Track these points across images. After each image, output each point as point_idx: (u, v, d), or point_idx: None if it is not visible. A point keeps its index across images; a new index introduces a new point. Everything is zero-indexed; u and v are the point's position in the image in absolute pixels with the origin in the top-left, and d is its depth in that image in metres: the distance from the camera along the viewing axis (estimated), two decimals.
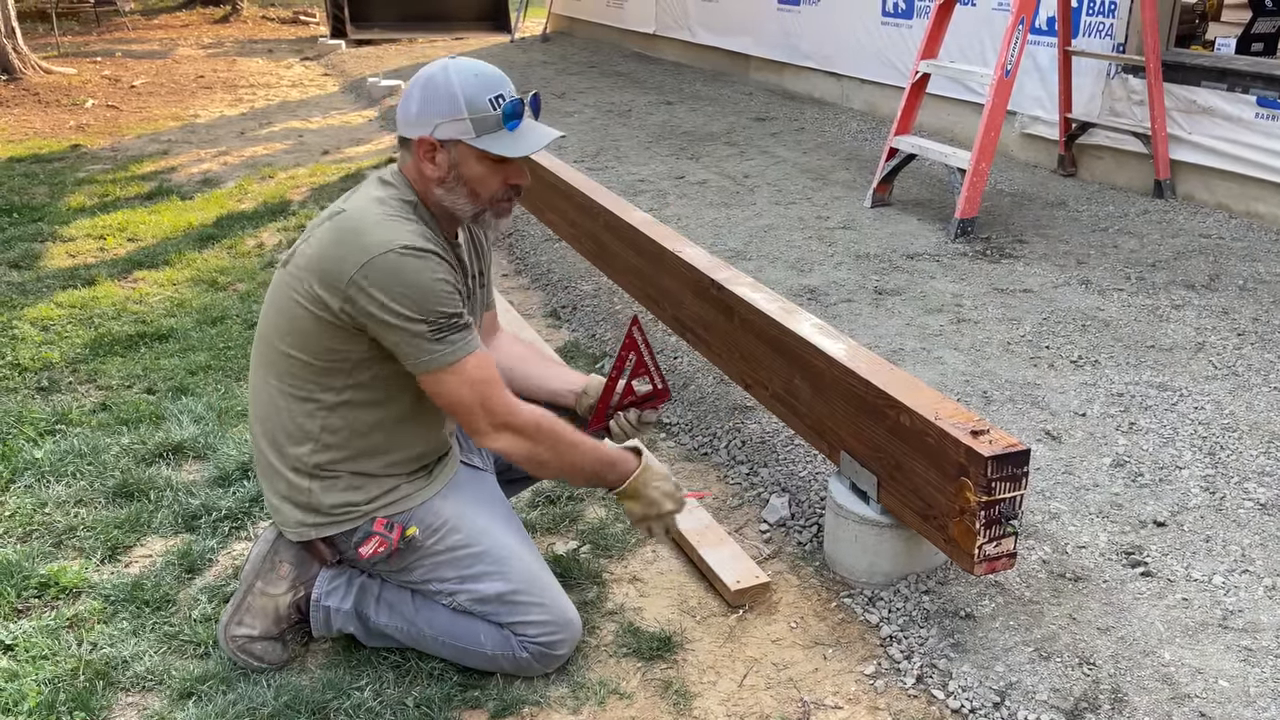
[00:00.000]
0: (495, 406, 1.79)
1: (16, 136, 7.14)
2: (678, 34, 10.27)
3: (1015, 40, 4.55)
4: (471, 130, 1.76)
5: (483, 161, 1.79)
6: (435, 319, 1.73)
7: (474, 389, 1.78)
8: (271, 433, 1.89)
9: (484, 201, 1.83)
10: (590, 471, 1.91)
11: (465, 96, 1.75)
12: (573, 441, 1.87)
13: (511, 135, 1.78)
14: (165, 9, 17.35)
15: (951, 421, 1.95)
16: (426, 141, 1.78)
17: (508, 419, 1.80)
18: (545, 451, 1.84)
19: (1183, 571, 2.28)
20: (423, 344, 1.73)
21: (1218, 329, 3.61)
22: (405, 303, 1.71)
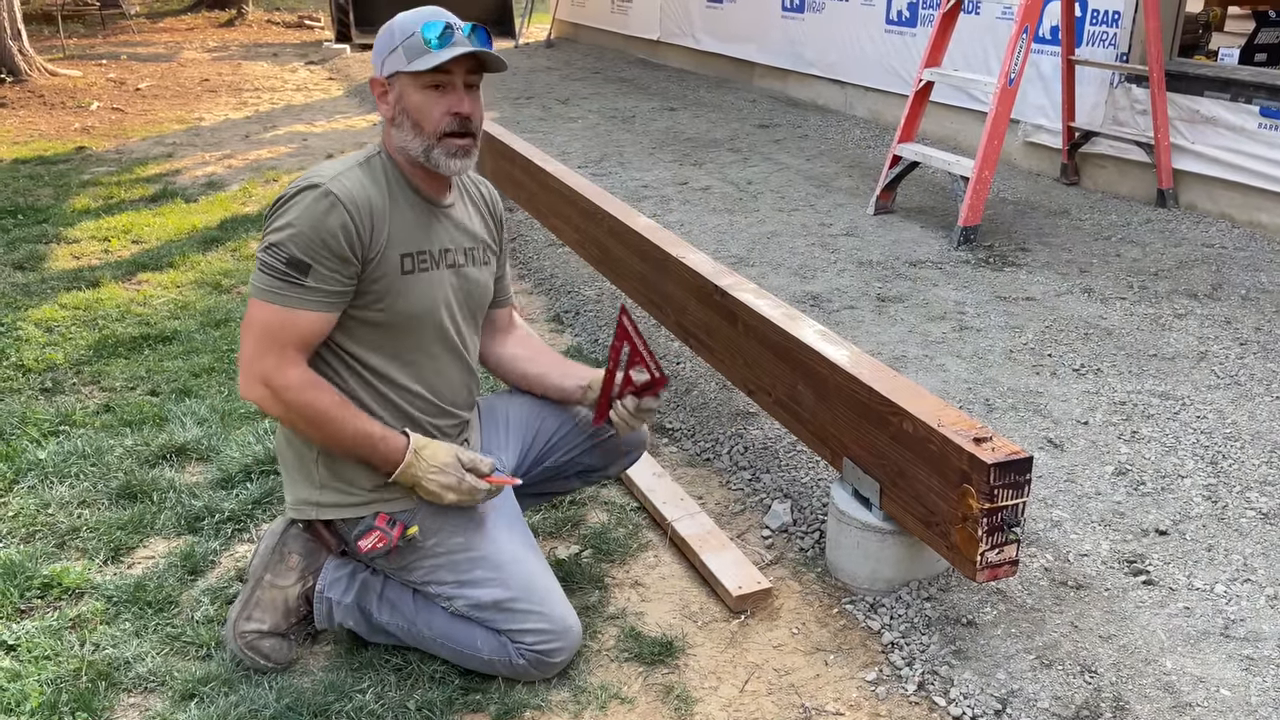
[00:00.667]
0: (267, 362, 1.77)
1: (22, 138, 7.16)
2: (682, 41, 10.29)
3: (1019, 49, 4.56)
4: (404, 57, 1.81)
5: (420, 89, 1.82)
6: (276, 252, 1.76)
7: (261, 332, 1.77)
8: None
9: (428, 134, 1.83)
10: (353, 453, 1.85)
11: (399, 27, 1.83)
12: (335, 418, 1.80)
13: (437, 53, 1.80)
14: (170, 12, 17.41)
15: (954, 428, 1.95)
16: (377, 82, 1.87)
17: (270, 378, 1.77)
18: (300, 423, 1.81)
19: (1184, 580, 2.28)
20: (257, 268, 1.79)
21: (1220, 338, 3.61)
22: (270, 227, 1.78)
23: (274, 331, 1.77)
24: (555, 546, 2.41)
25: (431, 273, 1.90)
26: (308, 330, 1.79)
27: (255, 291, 1.79)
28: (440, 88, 1.82)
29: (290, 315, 1.77)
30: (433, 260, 1.91)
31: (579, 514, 2.54)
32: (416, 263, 1.88)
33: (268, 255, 1.77)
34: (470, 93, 1.86)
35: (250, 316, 1.79)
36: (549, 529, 2.48)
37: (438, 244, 1.93)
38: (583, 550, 2.39)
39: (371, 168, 1.86)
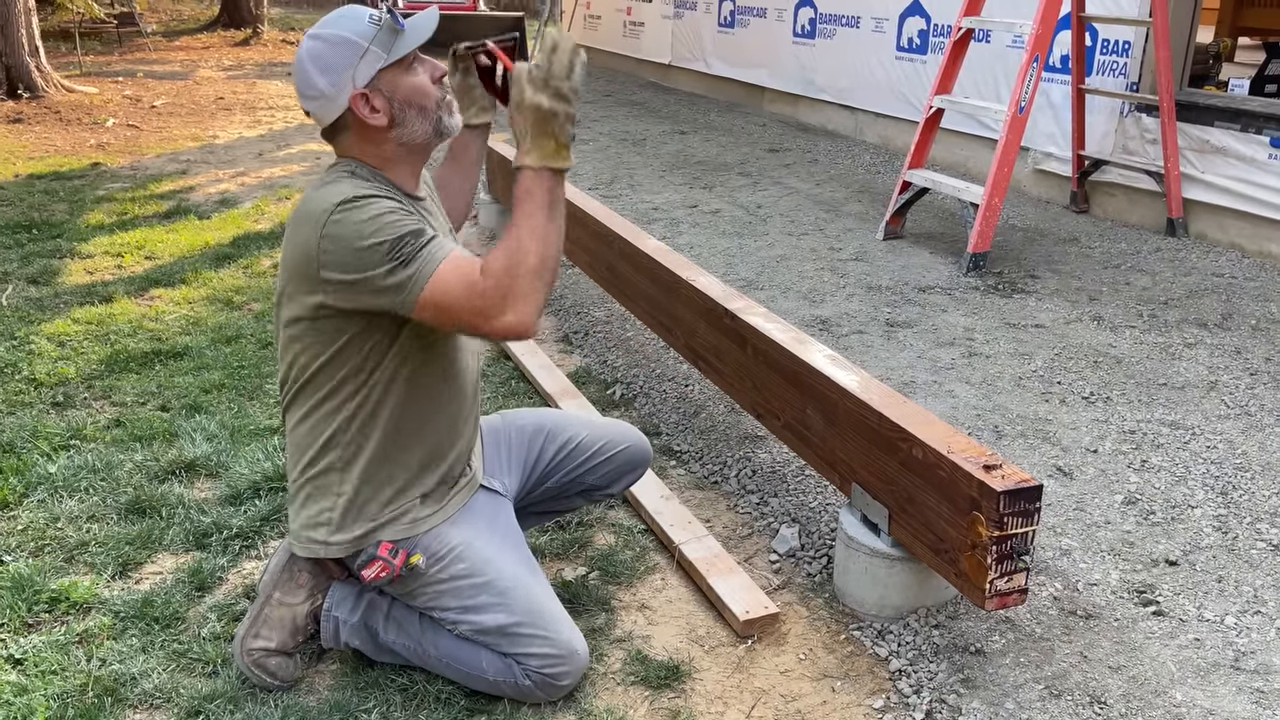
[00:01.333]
0: (487, 298, 1.66)
1: (38, 154, 7.22)
2: (693, 65, 10.36)
3: (1029, 78, 4.58)
4: (381, 52, 1.76)
5: (408, 72, 1.80)
6: (395, 258, 1.67)
7: (457, 290, 1.67)
8: (293, 445, 1.92)
9: (432, 110, 1.82)
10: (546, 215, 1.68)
11: (353, 32, 1.76)
12: (540, 231, 1.68)
13: (409, 32, 1.79)
14: (187, 31, 17.59)
15: (964, 455, 1.95)
16: (358, 96, 1.76)
17: (497, 297, 1.66)
18: (546, 275, 1.68)
19: (1195, 611, 2.27)
20: (401, 272, 1.67)
21: (1230, 368, 3.61)
22: (361, 256, 1.67)
23: (467, 273, 1.68)
24: (562, 568, 2.41)
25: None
26: (469, 256, 1.74)
27: (419, 275, 1.67)
28: (416, 62, 1.82)
29: (456, 256, 1.70)
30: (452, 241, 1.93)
31: (586, 535, 2.54)
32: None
33: (401, 255, 1.66)
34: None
35: (438, 290, 1.67)
36: (556, 550, 2.47)
37: (443, 231, 1.95)
38: (590, 572, 2.39)
39: (361, 178, 1.80)
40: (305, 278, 1.75)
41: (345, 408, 1.85)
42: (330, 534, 1.89)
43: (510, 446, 2.18)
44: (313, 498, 1.90)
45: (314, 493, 1.90)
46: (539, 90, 1.66)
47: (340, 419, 1.85)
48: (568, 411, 2.31)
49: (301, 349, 1.84)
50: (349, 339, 1.80)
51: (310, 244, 1.71)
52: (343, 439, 1.86)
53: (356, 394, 1.84)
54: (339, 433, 1.86)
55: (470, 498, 2.01)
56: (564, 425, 2.24)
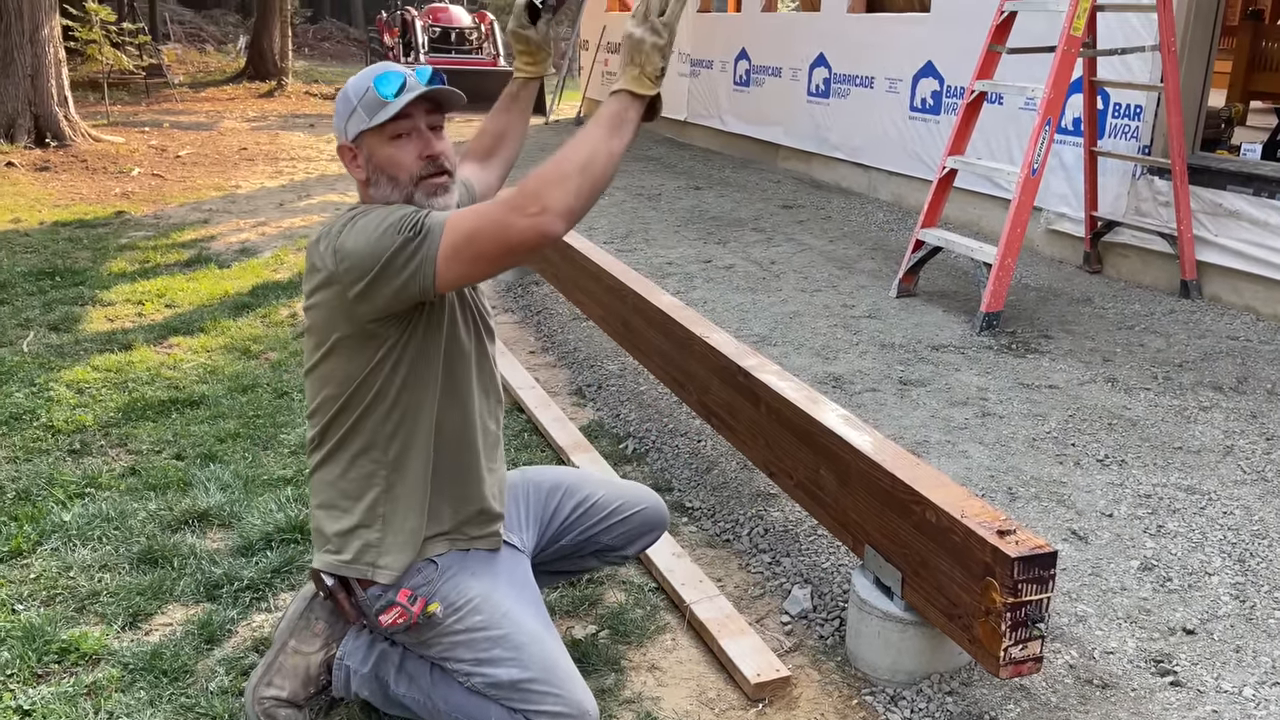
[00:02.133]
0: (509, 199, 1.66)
1: (64, 201, 7.35)
2: (708, 121, 10.50)
3: (1042, 141, 4.63)
4: (365, 116, 1.82)
5: (386, 142, 1.83)
6: (405, 231, 1.70)
7: (480, 218, 1.68)
8: (319, 462, 1.95)
9: (405, 183, 1.84)
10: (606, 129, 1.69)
11: (353, 89, 1.86)
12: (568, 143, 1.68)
13: (394, 103, 1.81)
14: (213, 82, 17.96)
15: (977, 520, 1.94)
16: (345, 149, 1.88)
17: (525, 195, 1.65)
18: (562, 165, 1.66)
19: (1212, 682, 2.24)
20: (416, 249, 1.69)
21: (1246, 432, 3.59)
22: (375, 243, 1.70)
23: (478, 207, 1.71)
24: (572, 626, 2.40)
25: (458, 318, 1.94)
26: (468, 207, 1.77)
27: (438, 232, 1.69)
28: (404, 136, 1.83)
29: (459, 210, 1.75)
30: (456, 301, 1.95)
31: (596, 593, 2.53)
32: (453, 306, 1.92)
33: (409, 228, 1.69)
34: (436, 134, 1.87)
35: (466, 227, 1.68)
36: (565, 607, 2.46)
37: None
38: (600, 630, 2.37)
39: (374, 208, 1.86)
40: (331, 305, 1.79)
41: (371, 440, 1.89)
42: (379, 557, 1.91)
43: (528, 503, 2.19)
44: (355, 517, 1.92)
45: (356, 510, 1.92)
46: (637, 23, 1.74)
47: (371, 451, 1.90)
48: (586, 471, 2.31)
49: (327, 389, 1.88)
50: (367, 373, 1.84)
51: (328, 265, 1.76)
52: (378, 469, 1.90)
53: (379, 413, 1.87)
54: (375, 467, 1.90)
55: (491, 549, 2.02)
56: (581, 484, 2.24)
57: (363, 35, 22.39)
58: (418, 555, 1.91)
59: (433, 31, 13.91)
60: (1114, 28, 5.51)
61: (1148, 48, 5.15)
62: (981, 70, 5.09)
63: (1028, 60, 5.37)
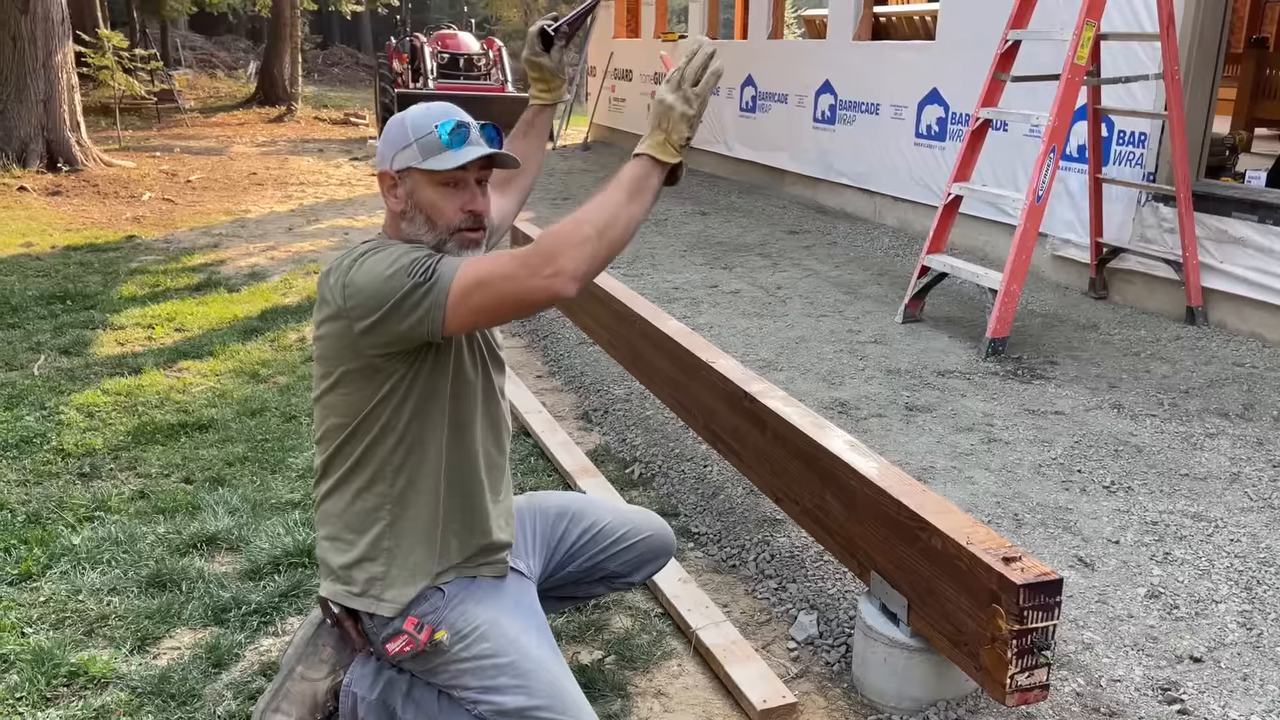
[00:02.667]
0: (524, 256, 1.66)
1: (75, 225, 7.41)
2: (715, 148, 10.57)
3: (1047, 168, 4.66)
4: (419, 154, 1.82)
5: (434, 186, 1.83)
6: (416, 275, 1.70)
7: (493, 271, 1.68)
8: (325, 494, 1.96)
9: (442, 230, 1.85)
10: (626, 194, 1.70)
11: (412, 124, 1.85)
12: (589, 204, 1.70)
13: (454, 153, 1.82)
14: (224, 107, 18.12)
15: (983, 547, 1.95)
16: (387, 176, 1.87)
17: (541, 255, 1.65)
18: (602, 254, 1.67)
19: (1220, 710, 2.23)
20: (423, 278, 1.70)
21: (1253, 460, 3.58)
22: (384, 284, 1.72)
23: (493, 256, 1.72)
24: (578, 651, 2.40)
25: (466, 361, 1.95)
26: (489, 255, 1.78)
27: (443, 277, 1.69)
28: (453, 185, 1.85)
29: (479, 254, 1.77)
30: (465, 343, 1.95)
31: (602, 618, 2.53)
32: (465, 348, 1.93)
33: (419, 272, 1.70)
34: (481, 188, 1.89)
35: (468, 276, 1.69)
36: (571, 633, 2.47)
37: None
38: (606, 656, 2.38)
39: (388, 243, 1.87)
40: (338, 335, 1.81)
41: (377, 473, 1.89)
42: (384, 590, 1.91)
43: (535, 529, 2.20)
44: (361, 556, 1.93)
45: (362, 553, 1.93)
46: (670, 89, 1.76)
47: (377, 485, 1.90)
48: (593, 497, 2.32)
49: (333, 418, 1.89)
50: (373, 406, 1.84)
51: (337, 300, 1.78)
52: (384, 503, 1.90)
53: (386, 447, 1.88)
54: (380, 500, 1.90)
55: (499, 576, 2.02)
56: (588, 510, 2.25)
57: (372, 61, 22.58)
58: (424, 588, 1.92)
59: (441, 58, 14.03)
60: (1118, 56, 5.55)
61: (1152, 76, 5.18)
62: (986, 98, 5.13)
63: (1032, 88, 5.41)
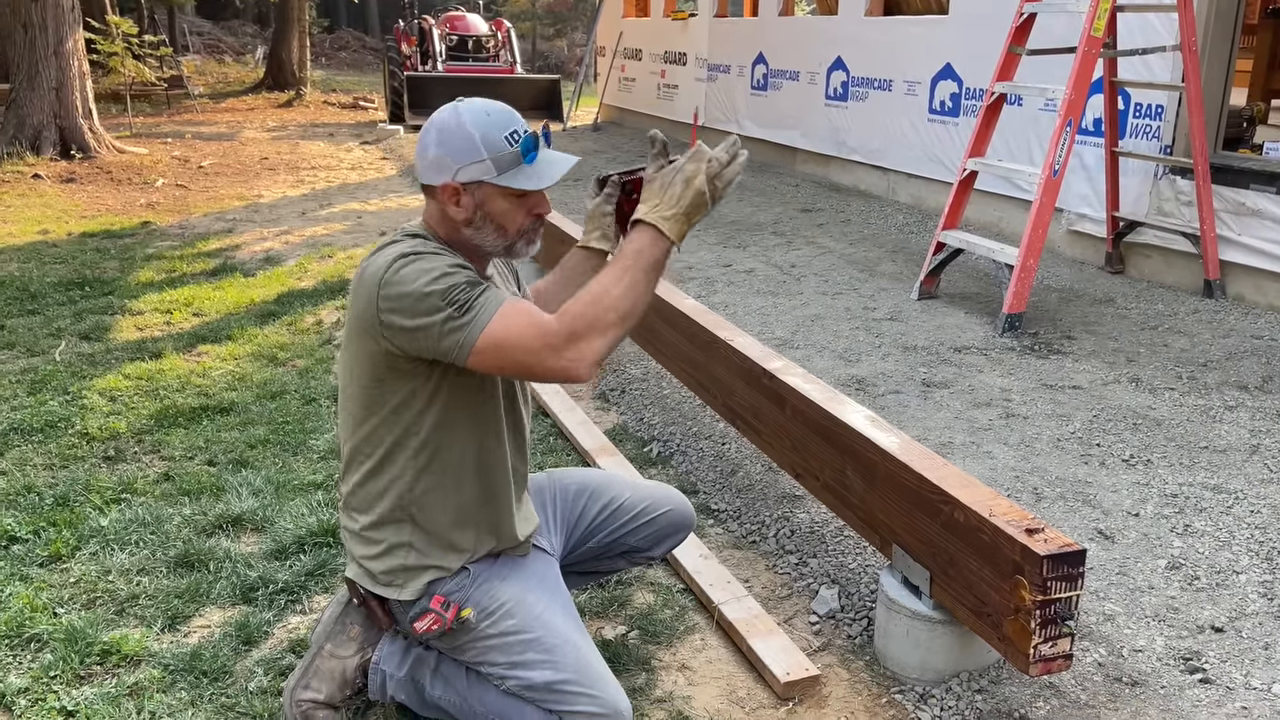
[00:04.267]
0: (546, 335, 1.69)
1: (90, 212, 7.45)
2: (726, 126, 10.52)
3: (1063, 141, 4.63)
4: (493, 170, 1.80)
5: (507, 198, 1.83)
6: (455, 294, 1.71)
7: (517, 334, 1.69)
8: (349, 492, 1.97)
9: (512, 235, 1.86)
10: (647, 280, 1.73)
11: (482, 137, 1.80)
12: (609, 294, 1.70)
13: (532, 168, 1.81)
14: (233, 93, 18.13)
15: (1006, 519, 1.96)
16: (450, 187, 1.82)
17: (564, 335, 1.68)
18: (613, 333, 1.70)
19: (1241, 679, 2.24)
20: (455, 321, 1.70)
21: (1272, 431, 3.58)
22: (417, 304, 1.71)
23: (527, 312, 1.73)
24: (602, 627, 2.42)
25: None
26: (530, 303, 1.77)
27: (476, 321, 1.70)
28: (523, 195, 1.85)
29: (516, 302, 1.75)
30: None
31: (625, 594, 2.55)
32: None
33: (458, 303, 1.70)
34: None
35: (496, 332, 1.70)
36: (595, 609, 2.49)
37: None
38: (629, 631, 2.40)
39: (424, 241, 1.87)
40: (366, 331, 1.81)
41: (398, 475, 1.91)
42: (406, 582, 1.94)
43: (556, 506, 2.22)
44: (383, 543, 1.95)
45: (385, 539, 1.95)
46: (707, 180, 1.77)
47: (399, 486, 1.91)
48: (612, 473, 2.34)
49: (359, 413, 1.90)
50: (401, 398, 1.85)
51: (372, 297, 1.77)
52: (406, 504, 1.92)
53: (409, 449, 1.89)
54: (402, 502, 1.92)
55: (522, 555, 2.04)
56: (607, 486, 2.27)
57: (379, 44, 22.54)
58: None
59: (450, 40, 14.00)
60: (1134, 28, 5.50)
61: (1169, 48, 5.14)
62: (1001, 72, 5.09)
63: (1048, 61, 5.37)
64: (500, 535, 1.99)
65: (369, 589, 1.98)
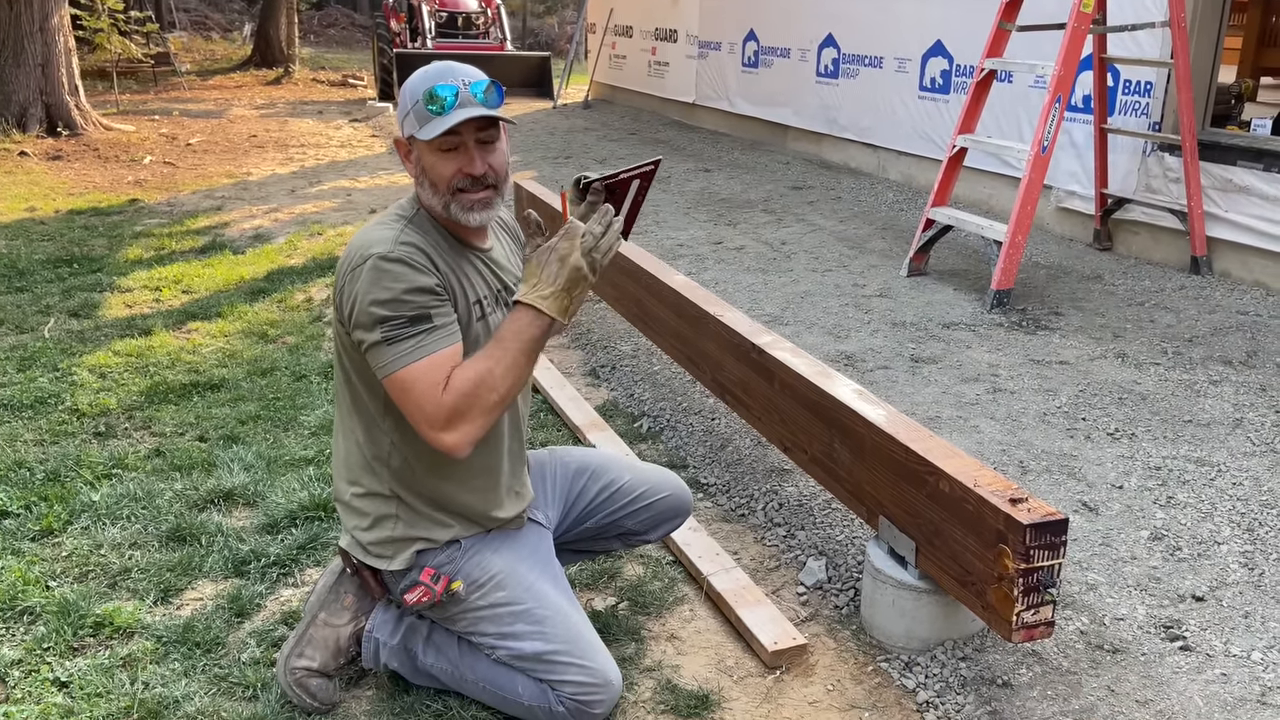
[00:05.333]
0: (444, 403, 1.76)
1: (78, 190, 7.40)
2: (717, 104, 10.50)
3: (1052, 118, 4.64)
4: (415, 121, 1.84)
5: (432, 151, 1.85)
6: (394, 322, 1.77)
7: (425, 388, 1.76)
8: (340, 463, 2.01)
9: (443, 192, 1.86)
10: (528, 358, 1.81)
11: (411, 89, 1.85)
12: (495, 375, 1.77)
13: (441, 119, 1.80)
14: (220, 70, 17.97)
15: (990, 489, 1.98)
16: (401, 142, 1.90)
17: (445, 417, 1.76)
18: (495, 413, 1.79)
19: (1221, 647, 2.28)
20: (383, 344, 1.78)
21: (1256, 405, 3.61)
22: (365, 301, 1.78)
23: (435, 379, 1.78)
24: (592, 598, 2.45)
25: (490, 318, 1.95)
26: (453, 359, 1.81)
27: (396, 364, 1.77)
28: (451, 149, 1.85)
29: (436, 358, 1.79)
30: (492, 304, 1.96)
31: (615, 566, 2.58)
32: (483, 309, 1.93)
33: (390, 331, 1.77)
34: (484, 149, 1.87)
35: (406, 383, 1.77)
36: (586, 581, 2.51)
37: (492, 287, 1.98)
38: (619, 602, 2.43)
39: (418, 224, 1.90)
40: (336, 305, 1.88)
41: (380, 454, 1.95)
42: (396, 553, 1.97)
43: (555, 482, 2.23)
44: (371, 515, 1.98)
45: (372, 510, 1.98)
46: (585, 254, 1.79)
47: (382, 463, 1.95)
48: (612, 455, 2.35)
49: (344, 391, 1.96)
50: (373, 386, 1.90)
51: (339, 279, 1.86)
52: (390, 461, 1.95)
53: (392, 418, 1.92)
54: (385, 455, 1.95)
55: (516, 528, 2.06)
56: (607, 468, 2.28)
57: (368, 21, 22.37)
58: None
59: (439, 16, 13.89)
60: (1124, 4, 5.50)
61: (1158, 24, 5.14)
62: (991, 48, 5.09)
63: (1038, 38, 5.37)
64: (490, 509, 2.01)
65: (360, 560, 2.01)
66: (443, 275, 1.85)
